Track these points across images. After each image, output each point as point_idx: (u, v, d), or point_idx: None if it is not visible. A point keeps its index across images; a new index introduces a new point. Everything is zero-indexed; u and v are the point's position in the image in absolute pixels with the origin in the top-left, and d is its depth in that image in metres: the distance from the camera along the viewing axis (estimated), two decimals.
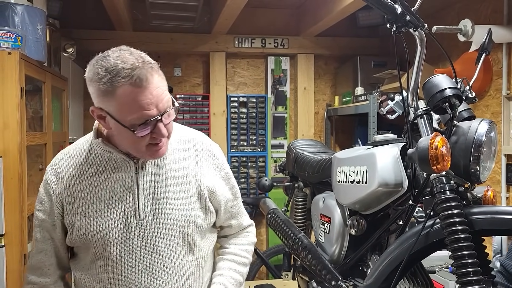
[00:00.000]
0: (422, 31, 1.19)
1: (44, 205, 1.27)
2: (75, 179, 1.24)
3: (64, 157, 1.28)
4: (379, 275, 1.16)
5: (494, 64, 2.73)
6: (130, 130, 1.10)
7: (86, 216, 1.22)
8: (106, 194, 1.22)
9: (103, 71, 1.08)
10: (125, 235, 1.20)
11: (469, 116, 1.24)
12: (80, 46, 3.55)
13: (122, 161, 1.22)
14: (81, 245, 1.25)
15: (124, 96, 1.07)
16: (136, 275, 1.21)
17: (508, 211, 1.03)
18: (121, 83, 1.07)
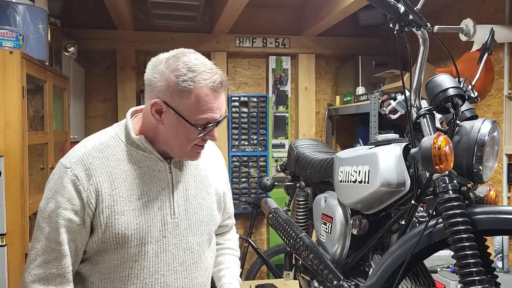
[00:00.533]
0: (425, 31, 1.19)
1: (72, 202, 1.16)
2: (110, 176, 1.19)
3: (93, 152, 1.20)
4: (381, 274, 1.16)
5: (495, 63, 2.73)
6: (197, 129, 1.16)
7: (124, 215, 1.18)
8: (143, 192, 1.21)
9: (185, 69, 1.13)
10: (161, 234, 1.22)
11: (471, 116, 1.24)
12: (81, 45, 3.56)
13: (157, 160, 1.24)
14: (113, 246, 1.19)
15: (201, 96, 1.13)
16: (172, 272, 1.24)
17: (511, 211, 1.03)
18: (202, 84, 1.13)
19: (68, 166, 1.17)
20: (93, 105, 3.93)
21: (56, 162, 2.53)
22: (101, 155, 1.20)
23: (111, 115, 3.96)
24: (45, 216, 1.17)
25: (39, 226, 1.17)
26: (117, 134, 1.24)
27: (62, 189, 1.16)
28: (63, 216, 1.15)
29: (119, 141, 1.23)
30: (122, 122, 1.28)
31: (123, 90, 3.89)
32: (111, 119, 3.96)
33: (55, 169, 1.21)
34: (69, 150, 2.90)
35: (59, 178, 1.17)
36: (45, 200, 1.18)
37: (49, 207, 1.16)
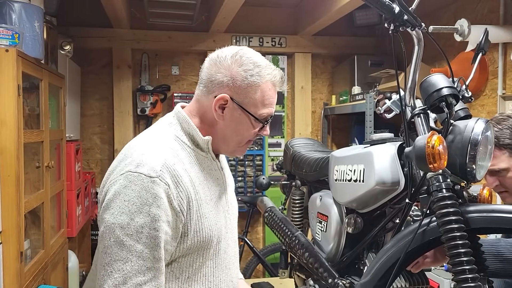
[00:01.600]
0: (420, 31, 1.20)
1: (167, 213, 1.07)
2: (190, 180, 1.15)
3: (171, 157, 1.12)
4: (375, 272, 1.17)
5: (489, 63, 2.74)
6: (260, 123, 1.20)
7: (207, 218, 1.17)
8: (212, 192, 1.22)
9: (251, 64, 1.17)
10: (225, 230, 1.26)
11: (465, 115, 1.25)
12: (77, 43, 3.55)
13: (211, 160, 1.25)
14: (196, 250, 1.15)
15: (265, 90, 1.18)
16: (232, 265, 1.30)
17: (504, 210, 1.04)
18: (267, 78, 1.18)
19: (154, 176, 1.06)
20: (89, 103, 3.93)
21: (52, 160, 2.53)
22: (177, 160, 1.14)
23: (106, 114, 3.96)
24: (130, 233, 1.04)
25: (123, 245, 1.04)
26: (177, 137, 1.20)
27: (155, 200, 1.05)
28: (163, 230, 1.06)
29: (182, 143, 1.19)
30: (172, 121, 1.23)
31: (119, 88, 3.88)
32: (107, 117, 3.95)
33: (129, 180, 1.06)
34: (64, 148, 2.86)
35: (143, 188, 1.05)
36: (125, 215, 1.04)
37: (137, 222, 1.04)
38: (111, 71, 3.89)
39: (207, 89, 1.19)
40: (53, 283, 2.55)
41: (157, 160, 1.09)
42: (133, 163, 1.09)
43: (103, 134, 3.97)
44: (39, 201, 2.36)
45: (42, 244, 2.44)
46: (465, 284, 1.01)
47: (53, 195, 2.65)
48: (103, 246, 1.06)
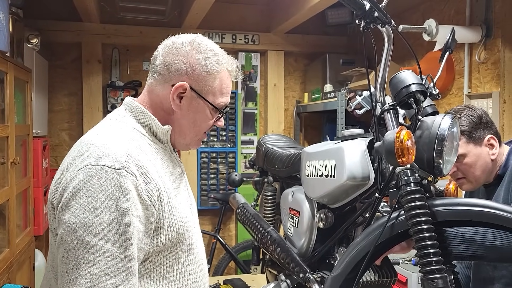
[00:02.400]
0: (390, 28, 1.22)
1: (137, 207, 0.98)
2: (157, 171, 1.08)
3: (134, 148, 1.04)
4: (345, 266, 1.19)
5: (456, 63, 2.82)
6: (217, 113, 1.17)
7: (178, 209, 1.10)
8: (176, 184, 1.16)
9: (210, 52, 1.14)
10: (193, 224, 1.20)
11: (433, 112, 1.28)
12: (45, 37, 3.45)
13: (170, 153, 1.19)
14: (170, 245, 1.08)
15: (224, 79, 1.16)
16: (204, 260, 1.24)
17: (468, 203, 1.07)
18: (225, 66, 1.16)
19: (118, 167, 0.97)
20: (57, 99, 3.83)
21: (17, 156, 2.46)
22: (140, 151, 1.06)
23: (75, 110, 3.87)
24: (96, 232, 0.93)
25: (88, 246, 0.93)
26: (135, 129, 1.12)
27: (123, 194, 0.96)
28: (134, 225, 0.96)
29: (141, 135, 1.12)
30: (125, 114, 1.15)
31: (88, 84, 3.80)
32: (76, 113, 3.86)
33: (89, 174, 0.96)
34: (31, 144, 2.79)
35: (109, 181, 0.95)
36: (88, 212, 0.94)
37: (103, 218, 0.93)
38: (80, 66, 3.80)
39: (162, 77, 1.13)
40: (19, 283, 2.48)
41: (120, 151, 1.00)
42: (92, 156, 0.99)
43: (72, 131, 3.88)
44: (4, 198, 2.28)
45: (7, 243, 2.36)
46: (431, 275, 1.03)
47: (19, 192, 2.57)
48: (64, 250, 0.94)
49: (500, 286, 1.51)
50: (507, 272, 1.50)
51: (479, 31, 2.59)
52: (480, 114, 1.58)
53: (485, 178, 1.59)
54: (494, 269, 1.54)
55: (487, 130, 1.58)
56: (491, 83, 2.57)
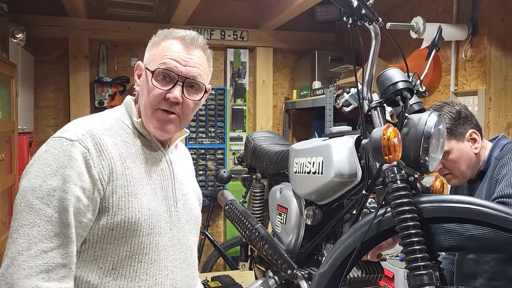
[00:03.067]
0: (377, 25, 1.23)
1: (82, 178, 1.01)
2: (120, 154, 1.08)
3: (100, 128, 1.09)
4: (332, 262, 1.19)
5: (443, 61, 2.85)
6: (150, 72, 1.12)
7: (137, 198, 1.07)
8: (150, 178, 1.13)
9: (163, 32, 1.18)
10: (168, 226, 1.14)
11: (419, 109, 1.29)
12: (31, 32, 3.40)
13: (157, 149, 1.18)
14: (122, 233, 1.05)
15: (168, 45, 1.14)
16: (178, 269, 1.16)
17: (453, 200, 1.08)
18: (172, 36, 1.15)
19: (74, 139, 1.03)
20: (44, 94, 3.78)
21: (2, 153, 2.42)
22: (109, 133, 1.10)
23: (62, 106, 3.82)
24: (41, 196, 0.98)
25: (32, 208, 0.98)
26: (118, 117, 1.17)
27: (70, 162, 1.00)
28: (73, 193, 0.99)
29: (122, 124, 1.16)
30: (119, 107, 1.22)
31: (75, 79, 3.76)
32: (62, 109, 3.82)
33: (49, 144, 1.05)
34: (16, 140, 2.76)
35: (61, 151, 1.02)
36: (39, 178, 0.99)
37: (49, 184, 0.99)
38: (67, 61, 3.76)
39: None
40: None
41: (83, 127, 1.08)
42: (60, 130, 1.09)
43: (58, 127, 3.75)
44: None
45: None
46: (417, 271, 1.04)
47: (4, 189, 2.54)
48: (14, 212, 1.00)
49: (483, 281, 1.53)
50: (489, 267, 1.52)
51: (465, 29, 2.61)
52: (459, 109, 1.60)
53: (471, 172, 1.61)
54: (476, 265, 1.56)
55: (467, 125, 1.59)
56: (477, 80, 2.60)
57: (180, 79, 1.12)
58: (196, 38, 1.17)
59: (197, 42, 1.17)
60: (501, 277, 1.49)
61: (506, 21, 2.43)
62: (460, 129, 1.57)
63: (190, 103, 1.15)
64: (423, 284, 1.03)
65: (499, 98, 2.46)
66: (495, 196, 1.39)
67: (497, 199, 1.37)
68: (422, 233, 1.07)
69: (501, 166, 1.48)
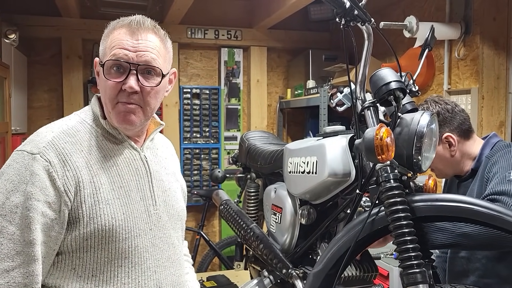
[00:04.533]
0: (369, 26, 1.23)
1: (46, 193, 0.99)
2: (86, 161, 1.06)
3: (63, 136, 1.07)
4: (327, 261, 1.20)
5: (436, 60, 2.86)
6: (101, 66, 1.09)
7: (109, 204, 1.06)
8: (123, 181, 1.11)
9: (112, 22, 1.14)
10: (147, 226, 1.13)
11: (412, 109, 1.30)
12: (23, 32, 3.38)
13: (130, 148, 1.16)
14: (97, 241, 1.04)
15: (115, 35, 1.10)
16: (162, 268, 1.15)
17: (446, 198, 1.09)
18: (119, 25, 1.11)
19: (35, 152, 1.01)
20: (37, 95, 3.76)
21: None
22: (73, 140, 1.07)
23: (56, 106, 3.81)
24: (4, 213, 0.97)
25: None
26: (83, 120, 1.14)
27: (31, 178, 0.98)
28: (36, 209, 0.97)
29: (88, 126, 1.13)
30: (86, 108, 1.19)
31: (69, 80, 3.74)
32: (56, 110, 3.80)
33: (12, 158, 1.03)
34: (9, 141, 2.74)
35: (23, 166, 1.00)
36: (1, 194, 0.99)
37: (12, 201, 0.97)
38: (60, 61, 3.74)
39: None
40: None
41: (44, 138, 1.05)
42: (23, 143, 1.07)
43: None
44: None
45: None
46: (410, 269, 1.05)
47: None
48: None
49: (474, 279, 1.54)
50: (480, 265, 1.53)
51: (458, 28, 2.63)
52: (439, 111, 1.59)
53: (453, 170, 1.63)
54: (468, 262, 1.57)
55: (445, 127, 1.59)
56: (470, 79, 2.62)
57: (132, 67, 1.08)
58: (143, 21, 1.11)
59: (145, 25, 1.11)
60: (492, 275, 1.51)
61: (498, 20, 2.45)
62: None
63: (149, 90, 1.11)
64: (417, 282, 1.04)
65: (492, 96, 2.48)
66: (486, 194, 1.40)
67: (488, 196, 1.38)
68: (415, 232, 1.08)
69: (492, 164, 1.49)
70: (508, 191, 1.34)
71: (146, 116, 1.14)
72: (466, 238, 1.07)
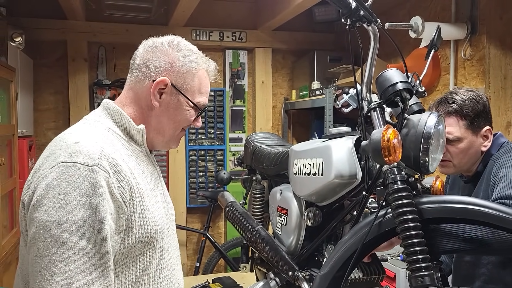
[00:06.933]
0: (375, 26, 1.22)
1: (109, 204, 0.98)
2: (130, 170, 1.08)
3: (107, 146, 1.05)
4: (334, 264, 1.19)
5: (442, 60, 2.85)
6: (196, 110, 1.19)
7: (150, 211, 1.10)
8: (150, 186, 1.16)
9: (189, 51, 1.18)
10: (167, 228, 1.19)
11: (419, 109, 1.28)
12: (29, 35, 3.40)
13: (146, 155, 1.21)
14: (141, 247, 1.07)
15: (202, 78, 1.20)
16: (177, 266, 1.24)
17: (454, 200, 1.08)
18: (203, 66, 1.20)
19: (92, 164, 0.98)
20: (43, 98, 3.78)
21: (2, 157, 2.42)
22: (114, 150, 1.07)
23: (62, 109, 3.82)
24: (71, 229, 0.93)
25: (62, 243, 0.93)
26: (109, 128, 1.13)
27: (98, 190, 0.96)
28: (107, 221, 0.96)
29: (115, 134, 1.13)
30: (101, 114, 1.16)
31: (74, 82, 3.76)
32: (62, 112, 3.82)
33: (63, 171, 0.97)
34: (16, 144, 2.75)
35: (82, 178, 0.96)
36: (62, 209, 0.94)
37: (77, 215, 0.94)
38: (66, 64, 3.76)
39: (142, 74, 1.15)
40: (6, 284, 2.45)
41: (93, 148, 1.01)
42: (65, 154, 0.99)
43: (58, 130, 3.83)
44: None
45: None
46: (419, 272, 1.04)
47: (4, 193, 2.54)
48: (37, 249, 0.94)
49: (480, 284, 1.52)
50: (486, 270, 1.51)
51: (464, 28, 2.61)
52: (485, 103, 1.55)
53: (471, 165, 1.58)
54: (473, 267, 1.55)
55: (487, 121, 1.55)
56: (476, 79, 2.60)
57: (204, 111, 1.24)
58: (216, 68, 1.26)
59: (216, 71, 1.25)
60: (497, 281, 1.48)
61: (504, 19, 2.43)
62: (480, 123, 1.53)
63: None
64: (425, 285, 1.03)
65: (499, 96, 2.46)
66: (494, 198, 1.38)
67: (497, 201, 1.36)
68: (423, 234, 1.07)
69: (498, 167, 1.46)
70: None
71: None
72: (473, 243, 1.05)
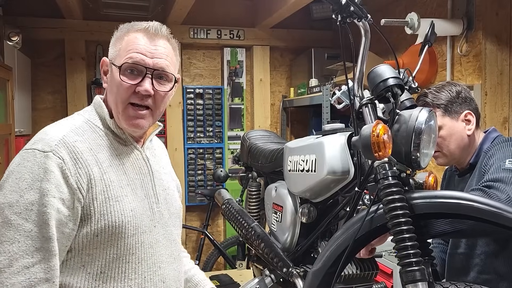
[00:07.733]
0: (366, 22, 1.22)
1: (60, 189, 1.01)
2: (96, 159, 1.09)
3: (72, 135, 1.09)
4: (326, 260, 1.19)
5: (439, 56, 2.84)
6: (117, 68, 1.11)
7: (119, 201, 1.09)
8: (129, 179, 1.14)
9: (125, 25, 1.17)
10: (151, 223, 1.17)
11: (411, 105, 1.29)
12: (26, 34, 3.40)
13: (133, 149, 1.19)
14: (107, 237, 1.07)
15: (131, 39, 1.13)
16: (166, 264, 1.19)
17: (446, 195, 1.08)
18: (135, 29, 1.15)
19: (47, 150, 1.02)
20: (41, 97, 3.78)
21: (0, 156, 2.42)
22: (82, 139, 1.10)
23: (60, 107, 3.83)
24: (19, 211, 0.98)
25: (10, 224, 0.97)
26: (88, 120, 1.16)
27: (46, 175, 1.00)
28: (53, 206, 0.99)
29: (94, 126, 1.15)
30: (88, 109, 1.21)
31: (72, 81, 3.76)
32: (60, 111, 3.82)
33: (22, 157, 1.04)
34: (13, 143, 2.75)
35: (36, 164, 1.01)
36: (15, 193, 0.99)
37: (26, 198, 0.99)
38: (63, 63, 3.76)
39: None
40: None
41: (55, 136, 1.06)
42: (31, 142, 1.07)
43: None
44: None
45: None
46: (409, 267, 1.04)
47: None
48: None
49: (474, 275, 1.53)
50: (479, 260, 1.52)
51: (460, 24, 2.61)
52: (459, 90, 1.60)
53: (460, 154, 1.59)
54: (467, 259, 1.56)
55: (464, 106, 1.59)
56: (473, 75, 2.60)
57: (148, 72, 1.12)
58: (160, 28, 1.16)
59: (161, 32, 1.16)
60: (491, 271, 1.49)
61: (500, 15, 2.42)
62: (456, 108, 1.58)
63: (161, 94, 1.16)
64: (415, 280, 1.03)
65: (495, 92, 2.46)
66: (482, 182, 1.39)
67: (484, 183, 1.36)
68: (414, 229, 1.07)
69: (489, 157, 1.49)
70: (503, 178, 1.33)
71: (154, 119, 1.20)
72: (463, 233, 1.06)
